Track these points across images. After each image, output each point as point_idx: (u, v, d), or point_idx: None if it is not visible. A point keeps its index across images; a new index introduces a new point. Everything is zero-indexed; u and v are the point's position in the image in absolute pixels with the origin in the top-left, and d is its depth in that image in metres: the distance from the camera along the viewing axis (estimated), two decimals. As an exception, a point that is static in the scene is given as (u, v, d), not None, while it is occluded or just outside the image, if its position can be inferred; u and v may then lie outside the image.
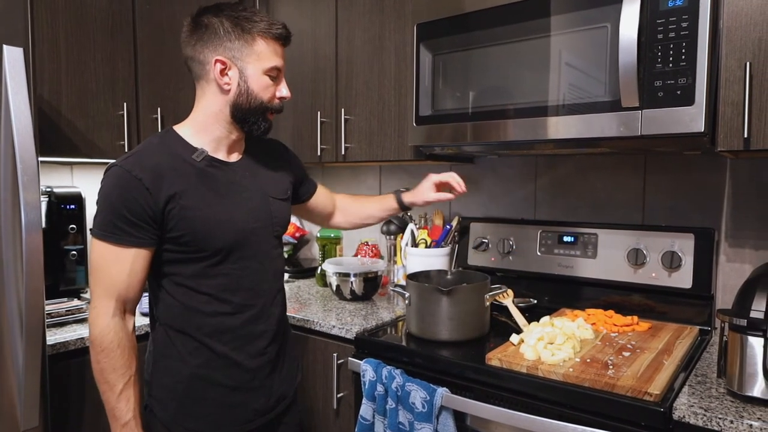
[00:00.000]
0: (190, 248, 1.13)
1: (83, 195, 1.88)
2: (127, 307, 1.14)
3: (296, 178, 1.43)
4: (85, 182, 2.16)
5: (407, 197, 1.57)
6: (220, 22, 1.15)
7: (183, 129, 1.21)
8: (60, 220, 1.82)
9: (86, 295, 1.88)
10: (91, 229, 1.11)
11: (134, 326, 1.17)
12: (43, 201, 1.78)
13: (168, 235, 1.12)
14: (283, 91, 1.22)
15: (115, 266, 1.09)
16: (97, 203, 1.11)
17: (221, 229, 1.15)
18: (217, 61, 1.15)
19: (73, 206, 1.85)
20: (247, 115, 1.19)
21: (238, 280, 1.19)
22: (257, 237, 1.22)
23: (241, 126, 1.21)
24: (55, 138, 1.75)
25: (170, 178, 1.11)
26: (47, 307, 1.62)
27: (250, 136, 1.25)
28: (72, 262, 1.85)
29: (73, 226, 1.84)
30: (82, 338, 1.52)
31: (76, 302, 1.75)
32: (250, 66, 1.16)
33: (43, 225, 1.74)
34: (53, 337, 1.51)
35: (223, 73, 1.16)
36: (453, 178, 1.52)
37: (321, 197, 1.56)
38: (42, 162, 1.95)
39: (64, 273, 1.84)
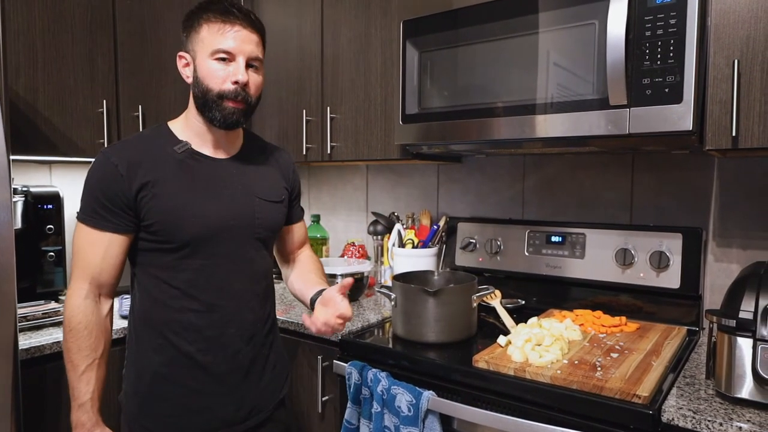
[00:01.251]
0: (160, 238, 1.14)
1: (61, 194, 1.83)
2: (102, 291, 1.15)
3: (290, 194, 1.36)
4: (64, 181, 2.10)
5: (317, 303, 1.23)
6: (184, 20, 1.19)
7: (174, 124, 1.23)
8: (37, 220, 1.77)
9: (64, 298, 1.83)
10: (76, 213, 1.15)
11: (111, 310, 1.18)
12: (20, 201, 1.73)
13: (142, 223, 1.14)
14: (237, 74, 1.13)
15: (91, 249, 1.12)
16: (82, 189, 1.15)
17: (190, 222, 1.13)
18: (178, 56, 1.20)
19: (50, 206, 1.80)
20: (204, 105, 1.16)
21: (207, 277, 1.16)
22: (231, 235, 1.19)
23: (203, 117, 1.18)
24: (31, 136, 1.70)
25: (147, 166, 1.13)
26: (23, 310, 1.57)
27: (216, 127, 1.19)
28: (50, 263, 1.80)
29: (51, 226, 1.79)
30: (59, 342, 1.48)
31: (53, 305, 1.70)
32: (198, 54, 1.15)
33: (19, 225, 1.71)
34: (28, 341, 1.46)
35: (185, 67, 1.19)
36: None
37: (297, 233, 1.43)
38: (19, 161, 1.91)
39: (42, 275, 1.79)
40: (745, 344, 1.05)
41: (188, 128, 1.21)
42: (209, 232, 1.15)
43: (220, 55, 1.13)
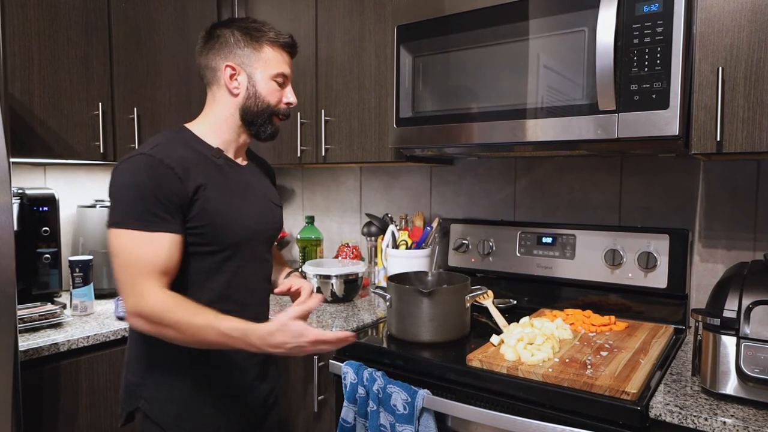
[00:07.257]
0: (206, 240, 1.16)
1: (57, 197, 1.83)
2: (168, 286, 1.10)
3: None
4: (59, 183, 2.11)
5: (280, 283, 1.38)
6: (231, 32, 1.23)
7: (197, 128, 1.24)
8: (33, 222, 1.78)
9: (60, 299, 1.83)
10: (113, 223, 1.08)
11: None
12: (15, 203, 1.73)
13: (189, 224, 1.13)
14: (290, 97, 1.28)
15: (152, 250, 1.07)
16: (118, 194, 1.09)
17: (235, 225, 1.19)
18: (227, 66, 1.22)
19: (46, 208, 1.80)
20: (255, 118, 1.24)
21: (242, 278, 1.23)
22: (258, 238, 1.27)
23: (249, 128, 1.26)
24: (27, 138, 1.71)
25: (195, 170, 1.15)
26: (19, 312, 1.58)
27: (257, 139, 1.30)
28: (45, 265, 1.80)
29: (47, 228, 1.80)
30: (56, 344, 1.48)
31: (49, 306, 1.70)
32: (258, 71, 1.23)
33: (15, 227, 1.71)
34: (25, 343, 1.47)
35: (232, 77, 1.22)
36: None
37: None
38: (14, 163, 1.90)
39: (37, 277, 1.79)
40: (729, 342, 1.09)
41: (218, 134, 1.24)
42: (248, 236, 1.23)
43: (279, 79, 1.25)
